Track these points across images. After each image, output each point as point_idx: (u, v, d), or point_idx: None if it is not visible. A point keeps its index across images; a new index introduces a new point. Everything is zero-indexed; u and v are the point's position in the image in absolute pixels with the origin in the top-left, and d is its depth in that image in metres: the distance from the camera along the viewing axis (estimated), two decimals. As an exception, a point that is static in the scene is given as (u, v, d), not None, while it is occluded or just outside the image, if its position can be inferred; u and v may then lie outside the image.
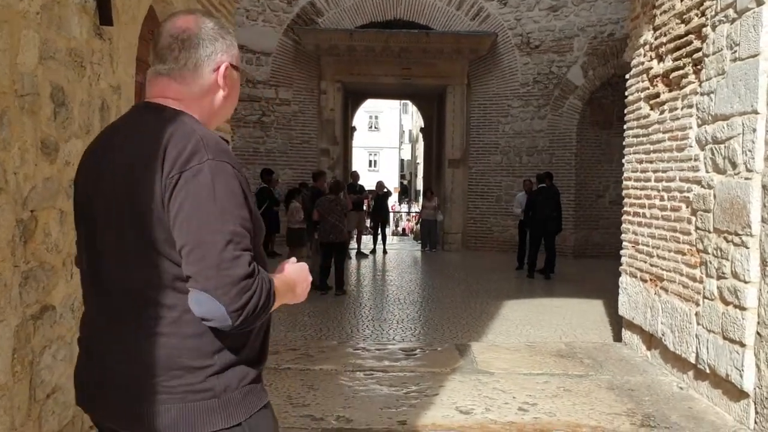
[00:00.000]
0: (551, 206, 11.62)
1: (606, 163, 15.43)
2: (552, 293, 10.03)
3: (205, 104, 1.61)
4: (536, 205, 11.70)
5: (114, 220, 1.49)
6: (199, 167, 1.40)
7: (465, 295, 9.52)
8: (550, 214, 11.54)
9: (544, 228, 11.59)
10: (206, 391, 1.45)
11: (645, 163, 5.72)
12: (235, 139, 15.66)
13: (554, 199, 11.76)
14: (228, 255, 1.37)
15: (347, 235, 9.42)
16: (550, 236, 11.73)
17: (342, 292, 9.30)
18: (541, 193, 11.81)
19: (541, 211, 11.61)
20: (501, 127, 16.05)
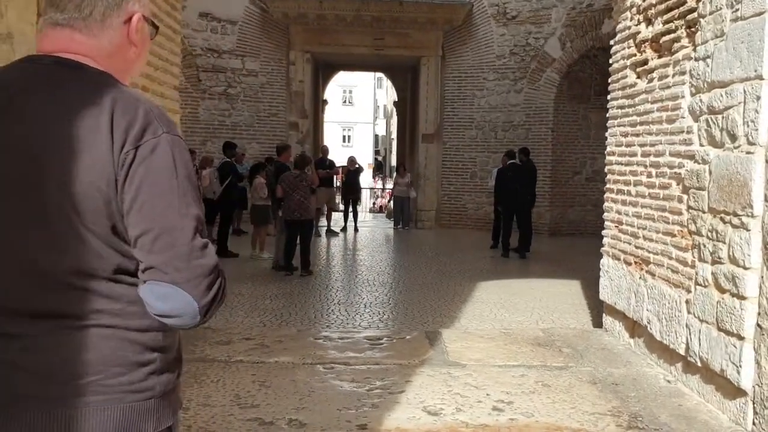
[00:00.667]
0: (522, 182, 11.22)
1: (583, 138, 15.06)
2: (527, 273, 9.64)
3: (116, 63, 1.39)
4: (505, 181, 11.31)
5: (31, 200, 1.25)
6: (154, 141, 1.25)
7: (437, 276, 9.09)
8: (521, 191, 11.14)
9: (515, 205, 11.21)
10: (146, 390, 1.32)
11: (630, 136, 5.28)
12: (200, 111, 15.02)
13: (527, 176, 11.35)
14: (198, 243, 1.26)
15: (314, 213, 8.90)
16: (522, 214, 11.34)
17: (308, 272, 8.82)
18: (510, 169, 11.40)
19: (509, 187, 11.22)
20: (476, 101, 15.57)
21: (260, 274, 8.98)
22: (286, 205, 8.83)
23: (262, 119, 15.56)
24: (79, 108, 1.25)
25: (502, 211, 11.53)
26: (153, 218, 1.24)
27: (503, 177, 11.44)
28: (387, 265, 10.21)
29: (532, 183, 11.53)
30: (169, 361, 1.37)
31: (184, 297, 1.24)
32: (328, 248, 12.28)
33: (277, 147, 9.72)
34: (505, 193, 11.35)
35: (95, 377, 1.26)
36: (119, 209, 1.25)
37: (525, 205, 11.35)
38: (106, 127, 1.23)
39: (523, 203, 11.21)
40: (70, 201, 1.23)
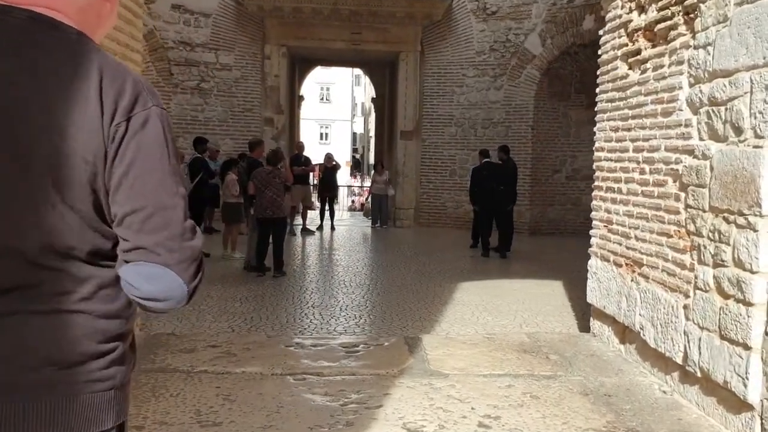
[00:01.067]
0: (500, 181, 10.96)
1: (563, 136, 14.85)
2: (509, 274, 9.36)
3: (88, 18, 1.28)
4: (480, 180, 11.05)
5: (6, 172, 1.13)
6: (145, 114, 1.19)
7: (416, 277, 8.77)
8: (497, 189, 10.87)
9: (490, 204, 10.95)
10: (108, 379, 1.23)
11: (622, 131, 4.99)
12: (172, 106, 14.54)
13: (507, 174, 11.10)
14: (189, 224, 1.22)
15: (287, 211, 8.53)
16: (501, 213, 11.07)
17: (281, 273, 8.45)
18: (485, 167, 11.14)
19: (484, 186, 10.96)
20: (456, 97, 15.28)
21: (231, 275, 8.59)
22: (258, 203, 8.45)
23: (236, 114, 15.13)
24: (62, 74, 1.16)
25: (479, 210, 11.27)
26: (145, 196, 1.17)
27: (478, 176, 11.18)
28: (364, 265, 9.87)
29: (512, 181, 11.28)
30: (126, 350, 1.28)
31: (175, 279, 1.18)
32: (303, 248, 11.91)
33: (250, 143, 9.33)
34: (480, 192, 11.09)
35: (57, 364, 1.17)
36: (105, 184, 1.17)
37: (502, 205, 11.08)
38: (95, 95, 1.15)
39: (499, 202, 10.95)
40: (52, 174, 1.14)
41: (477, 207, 11.30)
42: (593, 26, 13.34)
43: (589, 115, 15.18)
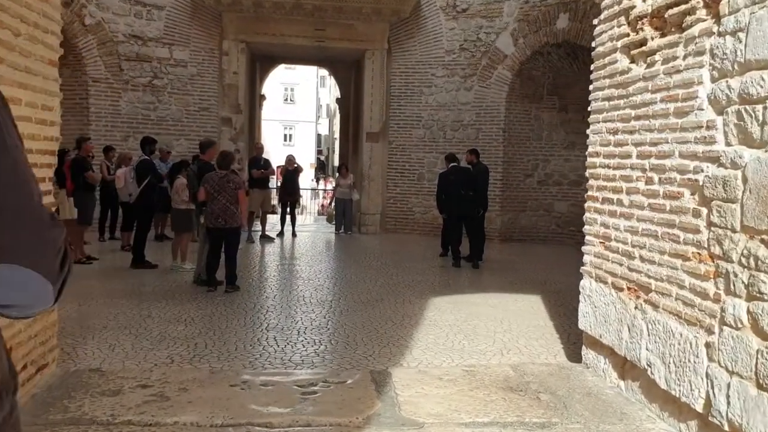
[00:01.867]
0: (468, 186, 10.31)
1: (535, 140, 14.30)
2: (483, 287, 8.69)
3: None
4: (447, 185, 10.39)
5: None
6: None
7: (384, 291, 8.04)
8: (464, 195, 10.22)
9: (457, 211, 10.29)
10: None
11: (622, 133, 4.34)
12: (121, 104, 13.59)
13: (476, 179, 10.45)
14: (46, 214, 1.05)
15: (241, 221, 7.73)
16: (471, 220, 10.42)
17: (233, 288, 7.65)
18: (452, 172, 10.48)
19: (450, 192, 10.31)
20: (424, 98, 14.61)
21: (179, 290, 7.76)
22: (209, 210, 7.65)
23: (191, 114, 14.24)
24: None
25: (447, 218, 10.59)
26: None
27: (445, 181, 10.51)
28: (327, 277, 9.11)
29: (483, 186, 10.63)
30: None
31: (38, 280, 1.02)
32: (261, 257, 11.09)
33: (201, 143, 8.50)
34: (447, 198, 10.42)
35: None
36: None
37: (472, 211, 10.42)
38: None
39: (469, 209, 10.29)
40: None
41: (445, 214, 10.62)
42: (567, 25, 12.83)
43: (561, 118, 14.76)
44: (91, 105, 13.28)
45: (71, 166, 9.66)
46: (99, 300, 7.04)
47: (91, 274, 8.67)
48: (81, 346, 5.26)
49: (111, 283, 8.11)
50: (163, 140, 13.70)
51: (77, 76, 13.24)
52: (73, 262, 1.11)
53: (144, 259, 9.22)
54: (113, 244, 11.59)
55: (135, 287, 7.84)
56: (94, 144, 13.03)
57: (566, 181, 14.18)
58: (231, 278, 7.69)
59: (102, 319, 6.21)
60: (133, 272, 8.89)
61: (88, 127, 13.23)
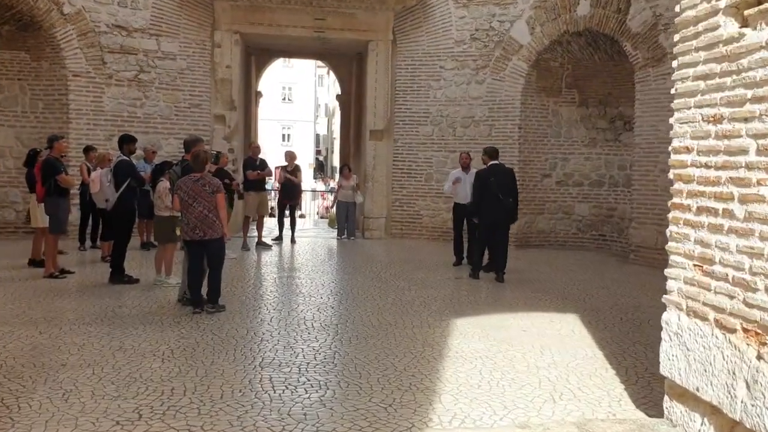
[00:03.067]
0: (507, 190, 9.18)
1: (553, 137, 13.24)
2: (509, 304, 7.63)
3: None
4: (488, 187, 9.16)
5: None
6: None
7: (397, 311, 6.97)
8: (504, 202, 9.09)
9: (496, 217, 9.15)
10: None
11: (729, 121, 3.27)
12: (104, 100, 12.52)
13: (511, 181, 9.35)
14: None
15: (223, 230, 6.66)
16: (503, 228, 9.32)
17: (215, 308, 6.58)
18: (492, 172, 9.29)
19: (490, 195, 9.11)
20: (432, 92, 13.55)
21: (160, 311, 6.68)
22: (185, 221, 6.58)
23: (181, 111, 13.16)
24: None
25: (481, 225, 9.38)
26: None
27: (485, 182, 9.24)
28: (330, 293, 8.03)
29: (514, 189, 9.43)
30: None
31: None
32: (257, 267, 10.01)
33: (185, 141, 7.41)
34: (487, 202, 9.19)
35: None
36: None
37: (506, 220, 9.28)
38: None
39: (503, 217, 9.15)
40: None
41: (480, 220, 9.37)
42: (589, 12, 11.79)
43: (581, 113, 13.68)
44: (71, 102, 12.20)
45: (41, 168, 8.59)
46: (65, 326, 5.97)
47: (62, 291, 7.59)
48: (27, 395, 4.18)
49: (84, 302, 7.03)
50: (150, 139, 12.67)
51: (55, 70, 12.17)
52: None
53: (124, 274, 8.15)
54: (94, 254, 10.51)
55: (110, 308, 6.76)
56: (74, 143, 12.04)
57: (587, 182, 13.12)
58: (213, 295, 6.62)
59: (63, 353, 5.14)
60: (112, 289, 7.82)
61: (68, 125, 12.16)
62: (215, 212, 6.55)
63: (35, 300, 7.05)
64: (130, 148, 8.39)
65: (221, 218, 6.60)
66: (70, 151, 11.87)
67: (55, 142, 8.73)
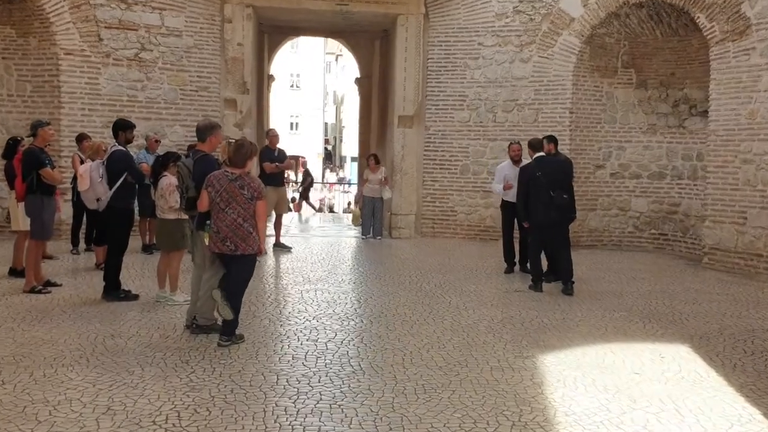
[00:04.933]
0: (559, 185, 7.74)
1: (607, 122, 11.73)
2: (595, 328, 6.16)
3: None
4: (535, 184, 7.78)
5: None
6: None
7: (461, 343, 5.52)
8: (558, 199, 7.65)
9: (549, 218, 7.72)
10: None
11: None
12: (101, 81, 11.07)
13: (563, 175, 7.90)
14: None
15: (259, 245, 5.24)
16: (561, 229, 7.88)
17: (228, 339, 5.16)
18: (539, 166, 7.87)
19: (540, 192, 7.71)
20: (469, 73, 12.03)
21: (163, 344, 5.25)
22: (214, 228, 5.14)
23: (187, 94, 11.71)
24: None
25: (534, 228, 7.97)
26: None
27: (531, 178, 7.85)
28: (371, 314, 6.56)
29: (568, 183, 8.02)
30: None
31: None
32: (276, 276, 8.56)
33: (198, 127, 5.89)
34: (535, 201, 7.80)
35: None
36: None
37: (562, 220, 7.86)
38: None
39: (558, 217, 7.72)
40: None
41: (531, 222, 7.98)
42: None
43: (639, 96, 12.08)
44: (62, 83, 10.74)
45: (22, 160, 7.16)
46: (37, 370, 4.55)
47: (43, 311, 6.17)
48: None
49: (67, 330, 5.59)
50: (153, 126, 11.27)
51: (45, 48, 10.71)
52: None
53: (120, 289, 6.73)
54: (89, 259, 9.06)
55: (100, 339, 5.33)
56: (66, 131, 10.63)
57: (646, 173, 11.60)
58: (229, 326, 5.18)
59: (27, 421, 3.71)
60: (105, 308, 6.40)
61: (60, 110, 10.73)
62: (252, 221, 5.12)
63: (6, 327, 5.62)
64: (127, 135, 6.91)
65: (259, 230, 5.18)
66: (60, 140, 10.58)
67: (40, 128, 7.28)
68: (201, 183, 5.38)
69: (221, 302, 5.04)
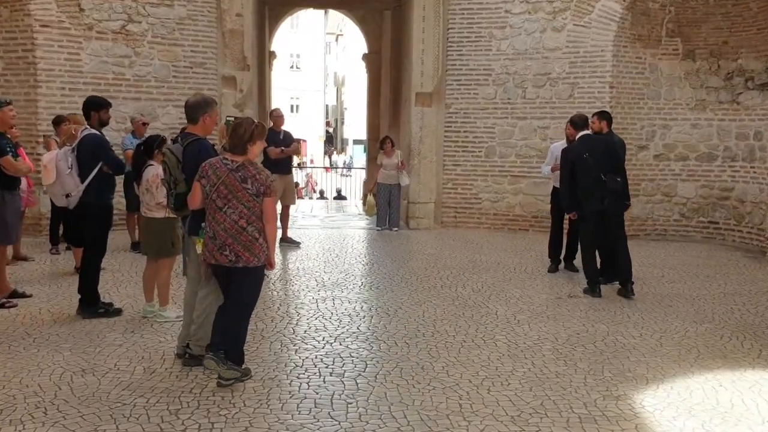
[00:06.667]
0: (610, 167, 6.56)
1: (651, 98, 10.50)
2: (682, 347, 4.98)
3: None
4: (585, 167, 6.59)
5: None
6: None
7: (526, 373, 4.35)
8: (610, 183, 6.49)
9: (599, 207, 6.55)
10: None
11: None
12: (83, 57, 9.83)
13: (615, 155, 6.72)
14: None
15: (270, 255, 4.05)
16: (616, 219, 6.71)
17: (232, 378, 3.97)
18: (588, 146, 6.67)
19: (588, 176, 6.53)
20: (495, 44, 10.78)
21: (148, 383, 4.08)
22: (210, 232, 3.96)
23: (181, 71, 10.48)
24: None
25: (584, 219, 6.80)
26: None
27: (575, 160, 6.67)
28: (405, 334, 5.37)
29: (620, 164, 6.85)
30: None
31: None
32: (285, 280, 7.35)
33: (188, 104, 4.67)
34: (585, 188, 6.63)
35: None
36: None
37: (616, 206, 6.70)
38: None
39: (612, 203, 6.58)
40: None
41: (578, 213, 6.84)
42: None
43: (686, 68, 10.70)
44: (38, 60, 9.50)
45: (-23, 149, 5.95)
46: (-26, 431, 3.38)
47: (1, 334, 4.99)
48: None
49: (25, 363, 4.41)
50: (142, 107, 10.06)
51: (18, 19, 9.45)
52: None
53: (99, 302, 5.55)
54: (68, 261, 7.86)
55: (65, 377, 4.16)
56: (44, 114, 9.42)
57: (694, 155, 10.39)
58: (234, 355, 3.99)
59: None
60: (80, 327, 5.23)
61: (36, 90, 9.51)
62: (257, 224, 3.93)
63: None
64: (101, 116, 5.65)
65: (268, 236, 3.99)
66: (37, 123, 9.42)
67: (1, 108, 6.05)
68: (193, 175, 4.20)
69: (219, 368, 3.87)
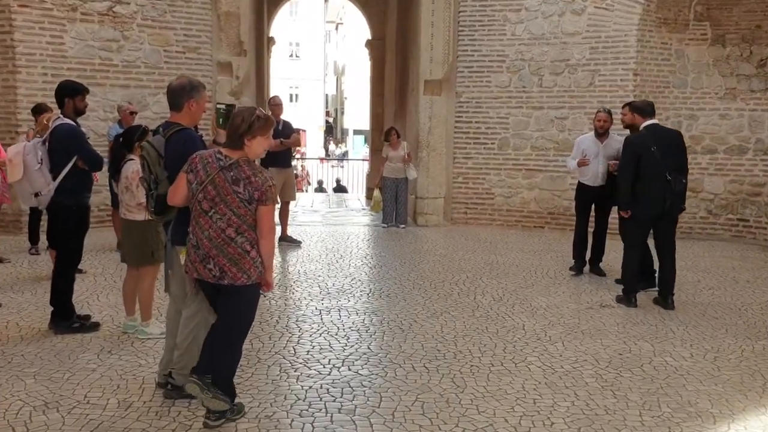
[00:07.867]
0: (676, 166, 5.84)
1: (677, 86, 9.80)
2: (742, 371, 4.31)
3: None
4: (651, 163, 5.76)
5: None
6: None
7: (557, 410, 3.69)
8: (675, 183, 5.77)
9: (661, 209, 5.83)
10: None
11: None
12: (66, 41, 9.13)
13: (681, 153, 5.99)
14: None
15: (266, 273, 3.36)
16: (669, 224, 6.02)
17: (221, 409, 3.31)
18: (657, 138, 5.83)
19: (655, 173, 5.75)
20: (510, 28, 10.07)
21: (119, 421, 3.42)
22: (193, 239, 3.28)
23: (173, 57, 9.78)
24: None
25: (638, 221, 5.99)
26: None
27: (644, 154, 5.79)
28: (424, 354, 4.71)
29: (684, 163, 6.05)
30: None
31: None
32: (284, 286, 6.66)
33: (171, 88, 3.94)
34: (647, 186, 5.80)
35: None
36: None
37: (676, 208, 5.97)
38: None
39: (673, 205, 5.87)
40: None
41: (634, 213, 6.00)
42: None
43: (715, 55, 9.83)
44: (17, 43, 8.78)
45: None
46: None
47: (-41, 355, 4.33)
48: None
49: (-19, 393, 3.75)
50: (131, 95, 9.36)
51: (-5, -1, 8.75)
52: None
53: (73, 316, 4.88)
54: (48, 262, 7.16)
55: (23, 413, 3.49)
56: (24, 102, 8.73)
57: (723, 147, 9.71)
58: (222, 383, 3.31)
59: None
60: (50, 346, 4.56)
61: (15, 76, 8.81)
62: (250, 235, 3.26)
63: None
64: (77, 104, 4.96)
65: (264, 253, 3.31)
66: (17, 112, 8.77)
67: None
68: (176, 172, 3.52)
69: (203, 395, 3.20)
